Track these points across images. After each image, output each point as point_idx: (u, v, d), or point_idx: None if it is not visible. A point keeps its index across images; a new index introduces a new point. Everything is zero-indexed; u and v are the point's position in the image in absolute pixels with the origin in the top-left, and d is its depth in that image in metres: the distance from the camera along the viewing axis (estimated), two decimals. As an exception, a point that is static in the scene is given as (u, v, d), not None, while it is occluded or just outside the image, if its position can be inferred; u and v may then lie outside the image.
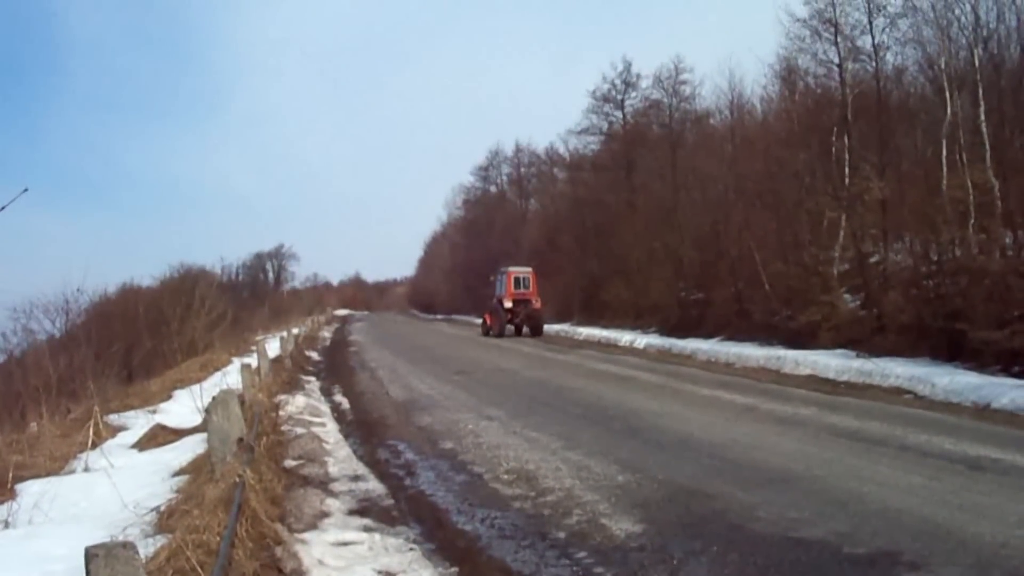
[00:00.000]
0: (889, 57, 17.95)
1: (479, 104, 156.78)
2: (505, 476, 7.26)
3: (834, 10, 17.71)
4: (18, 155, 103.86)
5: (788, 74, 20.32)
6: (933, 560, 4.52)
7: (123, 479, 7.00)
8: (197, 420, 10.13)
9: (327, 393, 14.49)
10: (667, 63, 31.79)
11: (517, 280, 30.14)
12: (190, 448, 8.66)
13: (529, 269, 31.32)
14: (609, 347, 22.43)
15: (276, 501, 5.96)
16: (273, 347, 19.33)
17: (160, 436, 10.14)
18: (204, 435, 7.21)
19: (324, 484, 7.10)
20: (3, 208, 3.95)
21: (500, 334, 28.71)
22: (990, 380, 10.47)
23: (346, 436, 9.86)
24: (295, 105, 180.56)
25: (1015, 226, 13.01)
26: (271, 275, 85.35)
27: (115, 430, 11.09)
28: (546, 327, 29.65)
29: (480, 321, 32.14)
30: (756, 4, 53.82)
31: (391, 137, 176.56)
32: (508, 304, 29.28)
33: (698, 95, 31.00)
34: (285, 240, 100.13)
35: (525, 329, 29.23)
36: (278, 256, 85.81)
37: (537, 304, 29.80)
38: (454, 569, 4.95)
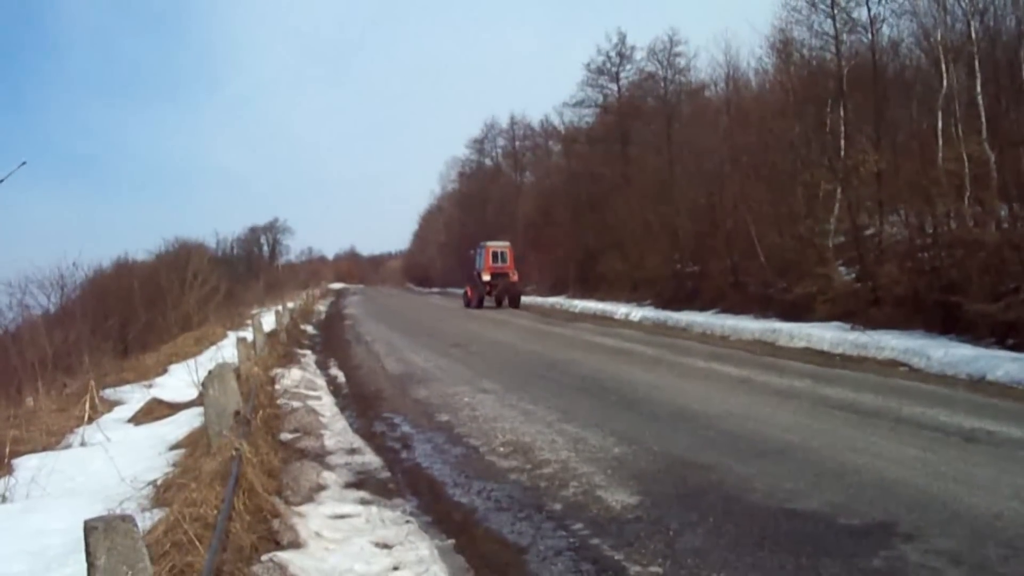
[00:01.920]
0: (885, 29, 17.89)
1: (474, 77, 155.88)
2: (501, 449, 7.27)
3: (831, -19, 17.56)
4: (14, 132, 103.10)
5: (784, 46, 20.15)
6: (928, 531, 4.55)
7: (120, 453, 7.00)
8: (193, 394, 10.13)
9: (323, 366, 14.47)
10: (662, 35, 31.70)
11: (495, 254, 31.02)
12: (186, 422, 8.67)
13: (507, 244, 31.97)
14: (605, 320, 22.47)
15: (273, 474, 5.96)
16: (268, 321, 19.29)
17: (156, 410, 10.16)
18: (200, 409, 7.21)
19: (320, 457, 7.11)
20: (2, 181, 3.91)
21: (479, 305, 29.90)
22: (985, 352, 10.52)
23: (342, 409, 9.86)
24: (288, 81, 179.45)
25: (1010, 198, 12.98)
26: (266, 249, 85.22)
27: (111, 404, 11.12)
28: (541, 300, 30.55)
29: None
30: (753, -25, 53.11)
31: (386, 110, 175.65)
32: (487, 277, 30.31)
33: (693, 67, 30.94)
34: (280, 214, 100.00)
35: (505, 301, 29.94)
36: (273, 230, 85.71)
37: (514, 277, 30.78)
38: (451, 541, 4.97)
